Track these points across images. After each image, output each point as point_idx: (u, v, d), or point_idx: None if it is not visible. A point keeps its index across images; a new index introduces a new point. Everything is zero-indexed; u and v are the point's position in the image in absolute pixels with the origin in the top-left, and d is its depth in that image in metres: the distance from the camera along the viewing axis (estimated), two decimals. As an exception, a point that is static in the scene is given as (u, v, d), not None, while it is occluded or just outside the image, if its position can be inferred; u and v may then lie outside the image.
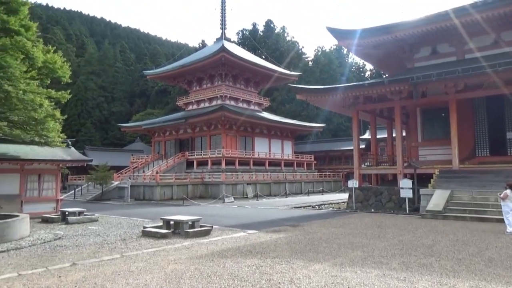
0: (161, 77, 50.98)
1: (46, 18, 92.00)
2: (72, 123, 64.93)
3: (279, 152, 45.80)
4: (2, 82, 14.49)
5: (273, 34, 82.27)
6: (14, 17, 16.52)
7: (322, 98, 22.35)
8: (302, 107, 62.57)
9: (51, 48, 19.25)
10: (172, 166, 38.31)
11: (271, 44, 77.35)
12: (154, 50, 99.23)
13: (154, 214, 18.60)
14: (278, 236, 11.21)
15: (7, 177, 16.64)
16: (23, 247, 10.00)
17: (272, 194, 36.75)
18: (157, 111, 70.89)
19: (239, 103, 45.36)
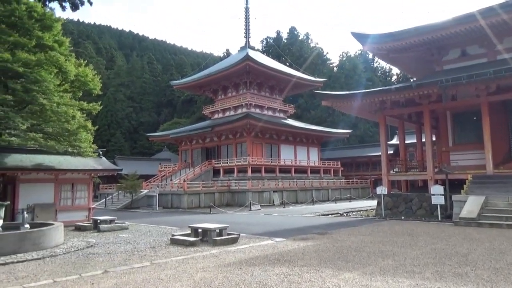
0: (187, 86, 51.88)
1: (77, 33, 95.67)
2: (103, 133, 66.87)
3: (305, 159, 45.50)
4: (37, 95, 15.14)
5: (297, 41, 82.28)
6: (48, 33, 17.31)
7: (348, 104, 22.11)
8: (328, 113, 62.07)
9: (83, 62, 20.00)
10: (199, 174, 38.75)
11: (295, 51, 77.36)
12: (180, 60, 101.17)
13: (182, 222, 18.83)
14: (306, 244, 11.10)
15: (43, 186, 17.30)
16: (57, 254, 10.33)
17: (299, 202, 36.48)
18: (183, 120, 72.06)
19: (264, 111, 45.49)
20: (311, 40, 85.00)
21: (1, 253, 9.99)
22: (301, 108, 65.77)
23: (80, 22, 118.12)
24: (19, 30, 16.58)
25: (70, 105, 17.02)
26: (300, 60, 71.32)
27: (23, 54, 15.16)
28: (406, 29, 21.38)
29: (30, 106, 16.47)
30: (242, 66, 41.42)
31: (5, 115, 15.06)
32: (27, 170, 16.43)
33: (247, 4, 52.03)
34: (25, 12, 16.34)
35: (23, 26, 16.53)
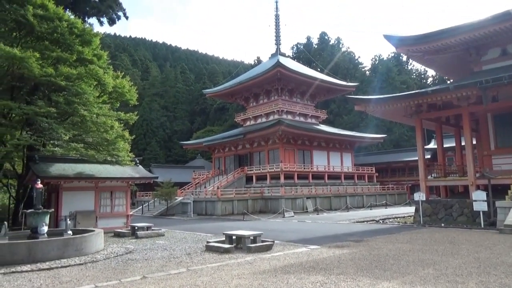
0: (219, 95, 52.60)
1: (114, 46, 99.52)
2: (139, 142, 68.91)
3: (338, 164, 44.85)
4: (78, 107, 15.87)
5: (327, 46, 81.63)
6: (88, 48, 18.14)
7: (382, 108, 21.64)
8: (361, 118, 60.98)
9: (120, 74, 20.80)
10: (232, 181, 39.04)
11: (326, 56, 76.76)
12: (212, 69, 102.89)
13: (216, 229, 19.01)
14: (342, 252, 10.91)
15: (84, 194, 18.02)
16: (98, 260, 10.70)
17: (333, 208, 35.93)
18: (216, 128, 73.03)
19: (296, 117, 45.33)
20: (342, 44, 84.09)
21: (47, 258, 10.48)
22: (333, 113, 65.00)
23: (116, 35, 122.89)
24: (61, 45, 17.49)
25: (109, 115, 17.71)
26: (331, 65, 70.65)
27: (65, 68, 15.97)
28: (442, 29, 20.73)
29: (71, 117, 17.29)
30: (273, 73, 41.54)
31: (49, 126, 15.86)
32: (70, 179, 17.19)
33: (277, 11, 52.32)
34: (67, 29, 17.22)
35: (65, 42, 17.43)
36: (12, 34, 17.57)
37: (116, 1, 34.01)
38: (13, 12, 16.09)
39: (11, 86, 16.77)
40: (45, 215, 12.03)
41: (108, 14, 33.96)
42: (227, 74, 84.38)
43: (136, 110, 27.87)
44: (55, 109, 15.86)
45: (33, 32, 16.85)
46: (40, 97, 16.98)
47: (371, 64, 77.80)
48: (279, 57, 46.77)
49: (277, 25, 52.04)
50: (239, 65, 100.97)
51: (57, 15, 17.16)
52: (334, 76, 52.92)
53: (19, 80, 16.24)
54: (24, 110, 15.31)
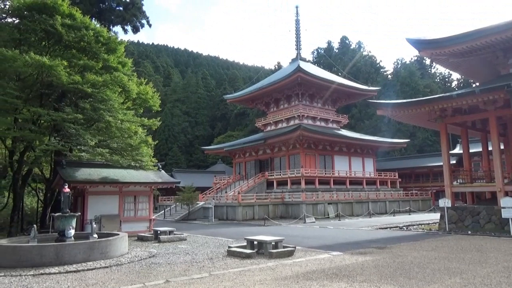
0: (239, 100, 52.91)
1: (137, 53, 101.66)
2: (161, 147, 69.91)
3: (360, 170, 44.28)
4: (104, 113, 16.29)
5: (348, 50, 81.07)
6: (113, 56, 18.63)
7: (405, 113, 21.28)
8: (383, 122, 60.11)
9: (143, 81, 21.24)
10: (252, 187, 39.09)
11: (347, 60, 76.21)
12: (232, 75, 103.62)
13: (238, 234, 19.06)
14: (365, 259, 10.76)
15: (109, 198, 18.42)
16: (122, 263, 10.91)
17: (355, 214, 35.45)
18: (237, 133, 73.41)
19: (317, 122, 45.09)
20: (363, 48, 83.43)
21: (73, 260, 10.76)
22: (355, 118, 64.32)
23: (140, 43, 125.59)
24: (87, 54, 18.04)
25: (133, 121, 18.11)
26: (352, 70, 70.07)
27: (91, 76, 16.44)
28: (467, 32, 20.26)
29: (97, 123, 17.77)
30: (294, 78, 41.51)
31: (76, 132, 16.34)
32: (95, 183, 17.62)
33: (297, 16, 52.34)
34: (93, 37, 17.76)
35: (91, 50, 17.97)
36: (42, 43, 18.23)
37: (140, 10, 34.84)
38: (43, 22, 16.70)
39: (40, 94, 17.37)
40: (72, 219, 12.36)
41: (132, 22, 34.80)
42: (248, 80, 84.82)
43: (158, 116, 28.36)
44: (82, 115, 16.33)
45: (61, 41, 17.44)
46: (67, 104, 17.53)
47: (393, 68, 76.88)
48: (299, 62, 46.72)
49: (298, 30, 52.05)
50: (260, 70, 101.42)
51: (84, 24, 17.72)
52: (355, 81, 52.45)
53: (47, 87, 16.80)
54: (53, 117, 15.83)
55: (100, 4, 34.20)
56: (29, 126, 16.40)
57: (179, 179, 27.81)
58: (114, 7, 35.14)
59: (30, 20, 17.01)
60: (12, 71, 16.07)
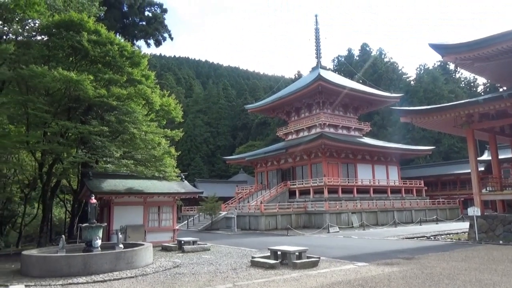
0: (260, 110, 53.07)
1: (160, 66, 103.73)
2: (183, 158, 70.70)
3: (384, 178, 43.45)
4: (128, 125, 16.67)
5: (369, 57, 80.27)
6: (137, 69, 19.10)
7: (430, 119, 20.83)
8: (407, 129, 59.01)
9: (166, 92, 21.66)
10: (275, 196, 38.94)
11: (368, 67, 75.42)
12: (253, 85, 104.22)
13: (261, 244, 18.98)
14: (391, 270, 10.51)
15: (134, 209, 18.74)
16: (148, 273, 11.04)
17: (379, 224, 34.73)
18: (258, 143, 73.52)
19: (339, 130, 44.66)
20: (384, 55, 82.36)
21: (100, 270, 10.96)
22: (377, 125, 63.39)
23: (162, 56, 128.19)
24: (112, 68, 18.56)
25: (156, 133, 18.45)
26: (374, 77, 69.30)
27: (116, 89, 16.89)
28: (493, 35, 19.71)
29: (122, 135, 18.18)
30: (314, 86, 41.37)
31: (102, 144, 16.78)
32: (120, 194, 17.98)
33: (316, 25, 52.34)
34: (117, 52, 18.27)
35: (116, 64, 18.48)
36: (69, 59, 18.89)
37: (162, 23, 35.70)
38: (70, 39, 17.32)
39: (68, 108, 17.96)
40: (99, 229, 12.62)
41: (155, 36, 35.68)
42: (268, 89, 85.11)
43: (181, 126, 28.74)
44: (107, 127, 16.77)
45: (87, 56, 18.03)
46: (93, 117, 18.05)
47: (415, 74, 75.46)
48: (319, 70, 46.57)
49: (317, 39, 52.00)
50: (280, 79, 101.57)
51: (109, 40, 18.28)
52: (377, 88, 51.82)
53: (75, 101, 17.36)
54: (80, 130, 16.31)
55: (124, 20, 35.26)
56: (57, 139, 16.94)
57: (202, 189, 28.01)
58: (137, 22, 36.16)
59: (58, 37, 17.68)
60: (42, 87, 16.69)
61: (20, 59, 16.85)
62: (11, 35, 18.26)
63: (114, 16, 34.70)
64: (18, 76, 15.97)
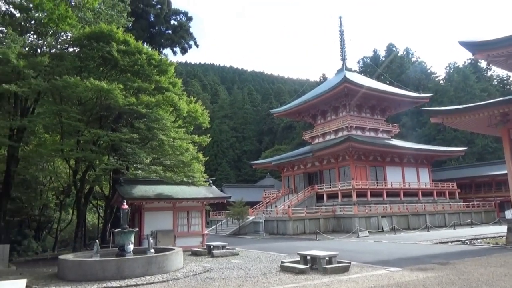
0: (286, 114, 52.97)
1: (185, 73, 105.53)
2: (210, 163, 71.33)
3: (414, 180, 42.31)
4: (157, 132, 17.02)
5: (396, 57, 78.64)
6: (164, 77, 19.50)
7: (462, 119, 20.17)
8: (437, 130, 57.35)
9: (193, 99, 21.99)
10: (302, 200, 38.66)
11: (395, 68, 73.96)
12: (278, 89, 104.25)
13: (289, 249, 18.87)
14: (426, 275, 10.20)
15: (163, 214, 19.08)
16: (179, 278, 11.18)
17: (411, 228, 33.81)
18: (284, 147, 73.32)
19: (366, 132, 43.92)
20: (411, 54, 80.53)
21: (133, 275, 11.19)
22: (406, 126, 61.91)
23: (187, 63, 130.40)
24: (141, 76, 19.03)
25: (184, 139, 18.75)
26: (401, 77, 67.86)
27: (145, 97, 17.31)
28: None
29: (151, 142, 18.56)
30: (340, 89, 40.93)
31: (132, 151, 17.20)
32: (151, 200, 18.35)
33: (341, 27, 51.83)
34: (145, 61, 18.73)
35: (144, 72, 18.94)
36: (100, 69, 19.52)
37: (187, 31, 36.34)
38: (100, 50, 17.90)
39: (99, 116, 18.53)
40: (131, 234, 12.91)
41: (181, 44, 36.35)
42: (293, 93, 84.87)
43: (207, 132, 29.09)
44: (137, 135, 17.18)
45: (117, 66, 18.57)
46: (123, 125, 18.53)
47: (445, 73, 73.33)
48: (345, 72, 46.06)
49: (342, 40, 51.48)
50: (305, 83, 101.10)
51: (137, 49, 18.77)
52: (405, 88, 50.68)
53: (106, 110, 17.90)
54: (111, 137, 16.78)
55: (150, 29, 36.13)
56: (90, 147, 17.48)
57: (229, 194, 28.18)
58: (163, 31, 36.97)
59: (89, 48, 18.31)
60: (75, 96, 17.32)
61: (54, 70, 17.55)
62: (45, 48, 19.05)
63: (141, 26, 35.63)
64: (53, 87, 16.63)
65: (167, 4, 39.73)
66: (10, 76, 16.10)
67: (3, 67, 16.13)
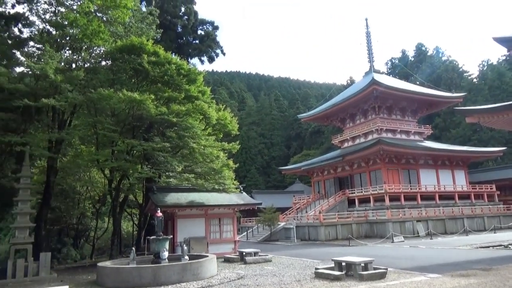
0: (313, 118, 52.58)
1: (213, 81, 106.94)
2: (239, 170, 71.50)
3: (450, 183, 40.84)
4: (188, 140, 17.30)
5: (425, 57, 76.75)
6: (193, 86, 19.84)
7: (499, 118, 19.31)
8: (472, 130, 55.28)
9: (222, 107, 22.23)
10: (333, 205, 38.11)
11: (424, 68, 72.15)
12: (304, 94, 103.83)
13: (322, 255, 18.62)
14: (468, 282, 9.80)
15: (196, 221, 19.29)
16: (213, 285, 11.24)
17: (448, 232, 32.61)
18: (313, 152, 72.74)
19: (397, 135, 42.90)
20: (442, 53, 78.51)
21: (169, 281, 11.36)
22: (439, 127, 60.09)
23: (214, 71, 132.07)
24: (171, 86, 19.44)
25: (214, 146, 18.96)
26: (432, 77, 66.05)
27: (175, 106, 17.65)
28: None
29: (182, 150, 18.88)
30: (369, 91, 40.25)
31: (164, 159, 17.55)
32: (183, 207, 18.62)
33: (367, 28, 51.08)
34: (175, 71, 19.13)
35: (174, 82, 19.34)
36: (131, 80, 20.11)
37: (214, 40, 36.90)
38: (132, 62, 18.46)
39: (132, 126, 19.04)
40: (166, 241, 13.12)
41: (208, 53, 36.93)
42: (320, 97, 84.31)
43: (236, 139, 29.30)
44: (169, 143, 17.52)
45: (148, 76, 19.07)
46: (155, 134, 18.96)
47: (478, 70, 70.82)
48: (373, 74, 45.27)
49: (369, 42, 50.70)
50: (332, 87, 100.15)
51: (167, 60, 19.21)
52: (436, 88, 49.25)
53: (138, 120, 18.37)
54: (144, 146, 17.20)
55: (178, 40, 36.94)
56: (124, 157, 17.97)
57: (259, 200, 28.15)
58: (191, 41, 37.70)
59: (121, 61, 18.93)
60: (108, 108, 17.90)
61: (89, 83, 18.23)
62: (80, 62, 19.84)
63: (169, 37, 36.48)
64: (88, 100, 17.26)
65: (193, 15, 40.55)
66: (48, 91, 16.85)
67: (42, 82, 16.93)
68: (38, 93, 16.52)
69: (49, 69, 15.64)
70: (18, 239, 14.65)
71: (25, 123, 18.44)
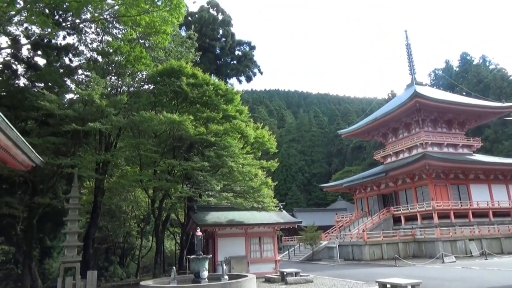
0: (354, 134, 51.56)
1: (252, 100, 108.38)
2: (280, 188, 71.35)
3: (505, 199, 38.15)
4: (226, 159, 17.49)
5: (471, 66, 73.45)
6: (231, 105, 20.18)
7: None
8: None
9: (259, 125, 22.39)
10: (377, 223, 36.74)
11: (470, 78, 68.96)
12: (344, 109, 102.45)
13: (367, 276, 17.87)
14: (529, 307, 8.97)
15: (236, 240, 19.25)
16: (253, 305, 11.07)
17: (505, 252, 30.33)
18: (354, 168, 71.06)
19: (444, 148, 40.97)
20: (489, 62, 74.73)
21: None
22: (490, 140, 56.81)
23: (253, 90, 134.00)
24: (209, 106, 19.90)
25: (252, 164, 19.02)
26: (479, 87, 62.95)
27: (213, 126, 17.99)
28: None
29: (221, 169, 19.09)
30: (411, 104, 38.96)
31: (204, 179, 17.81)
32: (223, 226, 18.68)
33: (407, 40, 49.86)
34: (213, 91, 19.60)
35: (212, 102, 19.79)
36: (172, 102, 20.81)
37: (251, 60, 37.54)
38: (171, 84, 19.14)
39: (172, 147, 19.59)
40: (205, 261, 13.15)
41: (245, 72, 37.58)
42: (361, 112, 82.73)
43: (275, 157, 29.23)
44: (208, 163, 17.80)
45: (187, 98, 19.66)
46: (195, 154, 19.36)
47: (531, 78, 66.61)
48: (415, 86, 43.86)
49: (409, 54, 49.36)
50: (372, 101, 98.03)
51: (205, 81, 19.75)
52: (485, 98, 46.84)
53: (178, 140, 18.88)
54: (184, 166, 17.58)
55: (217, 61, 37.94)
56: (165, 177, 18.45)
57: (300, 219, 27.68)
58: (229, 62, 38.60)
59: (162, 84, 19.69)
60: (150, 130, 18.56)
61: (132, 107, 19.06)
62: (124, 87, 20.85)
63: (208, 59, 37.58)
64: (131, 122, 18.01)
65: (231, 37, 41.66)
66: (95, 115, 17.78)
67: (89, 107, 17.91)
68: (86, 117, 17.46)
69: (95, 95, 16.53)
70: (67, 258, 15.28)
71: (74, 146, 19.49)
